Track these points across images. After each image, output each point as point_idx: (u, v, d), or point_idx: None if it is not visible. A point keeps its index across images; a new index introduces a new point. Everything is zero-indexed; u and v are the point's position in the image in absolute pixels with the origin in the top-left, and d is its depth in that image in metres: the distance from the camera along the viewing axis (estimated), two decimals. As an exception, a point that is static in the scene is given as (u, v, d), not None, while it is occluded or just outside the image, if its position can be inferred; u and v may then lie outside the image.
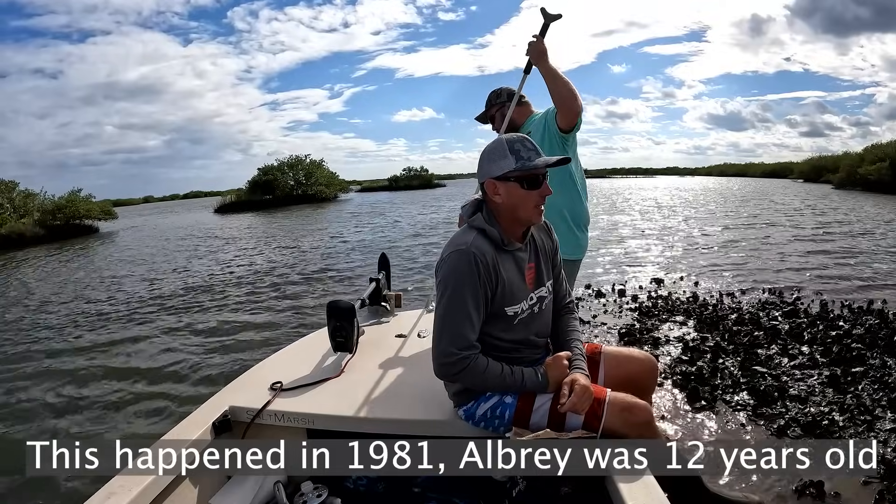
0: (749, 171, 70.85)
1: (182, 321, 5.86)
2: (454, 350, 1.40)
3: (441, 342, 1.42)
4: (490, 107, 2.53)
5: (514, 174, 1.40)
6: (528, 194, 1.42)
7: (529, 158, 1.40)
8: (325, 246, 12.14)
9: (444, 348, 1.41)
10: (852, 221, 12.04)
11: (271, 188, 36.54)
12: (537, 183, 1.42)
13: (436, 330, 1.44)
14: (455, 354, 1.40)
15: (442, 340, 1.41)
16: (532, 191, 1.42)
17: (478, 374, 1.42)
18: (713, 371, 3.17)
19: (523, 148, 1.41)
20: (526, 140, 1.43)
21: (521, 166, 1.39)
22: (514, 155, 1.40)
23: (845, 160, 30.44)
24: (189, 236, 17.81)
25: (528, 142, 1.43)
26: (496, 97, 2.51)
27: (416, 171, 58.03)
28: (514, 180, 1.41)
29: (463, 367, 1.40)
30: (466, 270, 1.39)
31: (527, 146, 1.42)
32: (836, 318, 4.19)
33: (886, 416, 2.53)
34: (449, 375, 1.45)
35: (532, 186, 1.42)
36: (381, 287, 2.73)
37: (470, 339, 1.41)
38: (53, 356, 4.88)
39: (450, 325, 1.41)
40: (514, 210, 1.44)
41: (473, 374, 1.41)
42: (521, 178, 1.41)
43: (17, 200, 22.50)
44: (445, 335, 1.41)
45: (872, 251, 7.80)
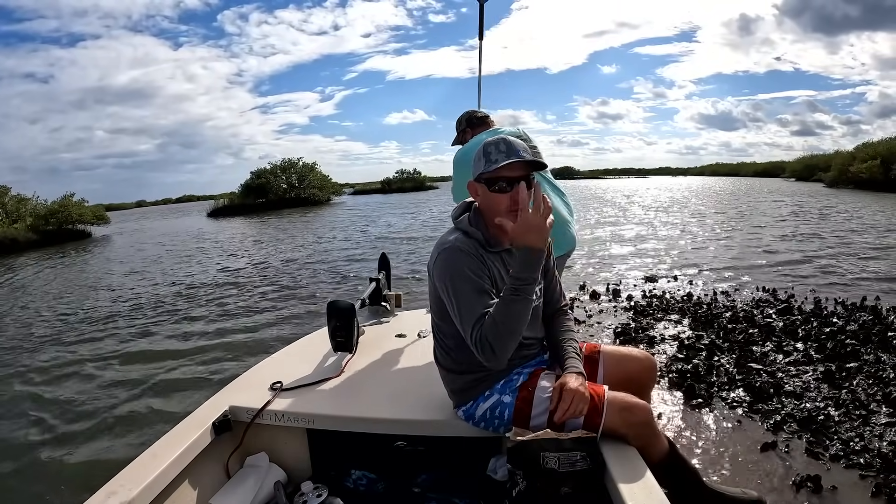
0: (741, 170, 71.22)
1: (181, 322, 5.84)
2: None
3: (471, 332, 1.37)
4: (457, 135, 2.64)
5: (484, 176, 1.41)
6: (497, 197, 1.40)
7: (497, 161, 1.38)
8: (324, 247, 12.13)
9: (475, 335, 1.36)
10: (844, 219, 12.14)
11: (264, 191, 36.38)
12: (507, 187, 1.39)
13: (460, 323, 1.40)
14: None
15: (470, 329, 1.37)
16: (501, 194, 1.40)
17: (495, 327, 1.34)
18: (709, 369, 3.19)
19: (495, 150, 1.40)
20: (502, 142, 1.40)
21: (486, 168, 1.39)
22: (485, 157, 1.40)
23: (837, 159, 30.67)
24: (184, 240, 17.72)
25: (503, 144, 1.40)
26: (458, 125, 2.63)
27: (408, 174, 58.00)
28: (483, 182, 1.42)
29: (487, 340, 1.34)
30: (459, 259, 1.40)
31: (499, 148, 1.39)
32: (830, 315, 4.22)
33: (881, 411, 2.55)
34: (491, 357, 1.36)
35: (500, 190, 1.39)
36: (381, 287, 2.74)
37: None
38: (53, 357, 4.86)
39: (469, 311, 1.38)
40: (489, 212, 1.45)
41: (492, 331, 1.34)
42: (490, 181, 1.41)
43: (9, 205, 22.38)
44: (471, 323, 1.37)
45: (865, 248, 7.86)
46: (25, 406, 3.72)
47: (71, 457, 2.89)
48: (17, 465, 2.84)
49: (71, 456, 2.90)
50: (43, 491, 2.58)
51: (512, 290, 1.34)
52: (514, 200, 1.37)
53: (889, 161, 23.64)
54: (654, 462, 1.37)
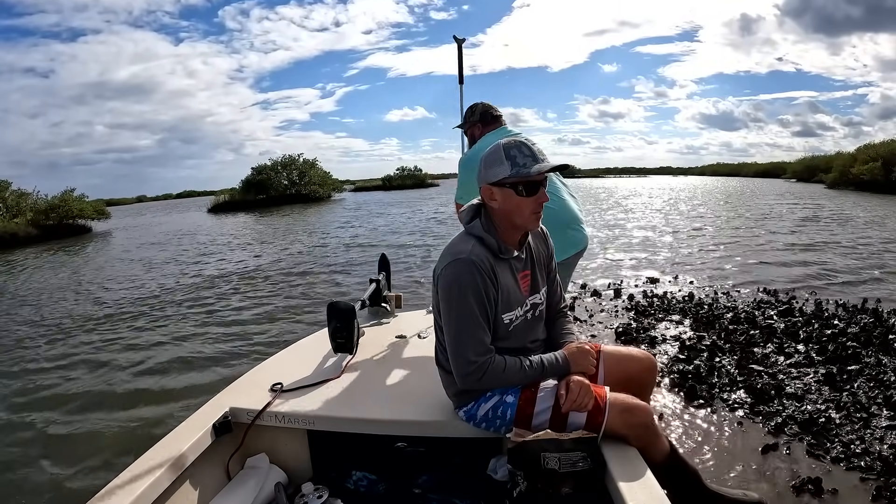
0: (742, 170, 71.02)
1: (181, 322, 5.83)
2: (474, 358, 1.40)
3: (460, 354, 1.42)
4: (465, 122, 2.61)
5: (510, 181, 1.40)
6: (523, 201, 1.41)
7: (525, 165, 1.39)
8: (324, 246, 12.10)
9: (465, 359, 1.41)
10: (845, 221, 12.13)
11: (265, 188, 36.42)
12: (533, 189, 1.41)
13: (450, 343, 1.44)
14: (475, 363, 1.40)
15: (460, 352, 1.42)
16: (528, 197, 1.41)
17: (499, 374, 1.42)
18: (710, 370, 3.19)
19: (519, 154, 1.40)
20: (523, 145, 1.42)
21: (515, 173, 1.38)
22: (509, 161, 1.39)
23: (838, 160, 30.61)
24: (184, 236, 17.72)
25: (525, 147, 1.42)
26: (471, 114, 2.58)
27: (409, 171, 58.04)
28: (509, 186, 1.41)
29: (484, 371, 1.41)
30: (468, 278, 1.39)
31: (523, 152, 1.40)
32: (831, 317, 4.21)
33: (882, 414, 2.55)
34: (473, 383, 1.44)
35: (528, 193, 1.40)
36: (381, 288, 2.73)
37: (486, 343, 1.42)
38: (52, 359, 4.84)
39: (464, 335, 1.41)
40: (511, 216, 1.44)
41: (495, 374, 1.42)
42: (516, 185, 1.40)
43: (9, 200, 22.36)
44: (462, 346, 1.41)
45: (866, 250, 7.86)
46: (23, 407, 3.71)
47: (70, 458, 2.87)
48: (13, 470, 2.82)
49: (70, 457, 2.88)
50: (42, 493, 2.57)
51: (537, 371, 1.46)
52: (539, 203, 1.42)
53: (890, 163, 23.58)
54: (655, 463, 1.37)
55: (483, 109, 2.54)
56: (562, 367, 1.47)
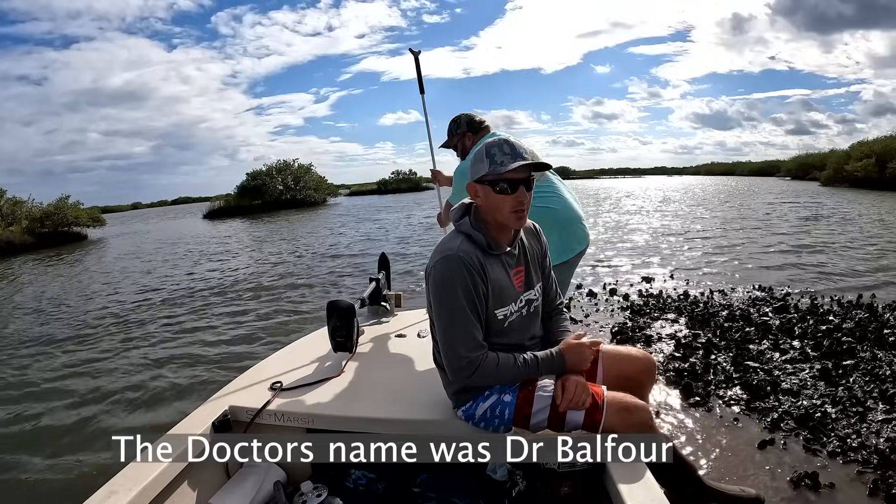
0: (736, 169, 71.43)
1: (181, 323, 5.84)
2: (465, 353, 1.41)
3: (451, 350, 1.43)
4: (451, 136, 2.60)
5: (488, 178, 1.41)
6: (501, 198, 1.41)
7: (502, 163, 1.39)
8: (322, 247, 12.12)
9: (455, 354, 1.42)
10: (840, 218, 12.20)
11: (260, 193, 36.30)
12: (512, 188, 1.40)
13: (442, 339, 1.45)
14: (466, 358, 1.41)
15: (451, 348, 1.42)
16: (506, 195, 1.40)
17: (492, 371, 1.43)
18: (706, 367, 3.20)
19: (499, 152, 1.40)
20: (505, 144, 1.42)
21: (493, 170, 1.39)
22: (489, 159, 1.40)
23: (832, 157, 30.85)
24: (181, 241, 17.66)
25: (506, 145, 1.42)
26: (456, 127, 2.58)
27: (404, 175, 57.98)
28: (487, 184, 1.42)
29: (476, 366, 1.41)
30: (457, 273, 1.40)
31: (503, 150, 1.41)
32: (826, 313, 4.24)
33: (878, 408, 2.57)
34: (465, 379, 1.45)
35: (506, 191, 1.40)
36: (381, 287, 2.73)
37: (477, 338, 1.42)
38: (51, 359, 4.85)
39: (455, 330, 1.41)
40: (492, 213, 1.45)
41: (487, 371, 1.42)
42: (494, 182, 1.41)
43: (4, 208, 22.23)
44: (453, 342, 1.42)
45: (860, 246, 7.91)
46: (23, 407, 3.70)
47: (70, 457, 2.87)
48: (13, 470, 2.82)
49: (70, 456, 2.88)
50: (42, 492, 2.57)
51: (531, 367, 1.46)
52: (519, 202, 1.41)
53: (884, 159, 23.78)
54: (653, 461, 1.38)
55: (468, 119, 2.56)
56: (556, 362, 1.47)
